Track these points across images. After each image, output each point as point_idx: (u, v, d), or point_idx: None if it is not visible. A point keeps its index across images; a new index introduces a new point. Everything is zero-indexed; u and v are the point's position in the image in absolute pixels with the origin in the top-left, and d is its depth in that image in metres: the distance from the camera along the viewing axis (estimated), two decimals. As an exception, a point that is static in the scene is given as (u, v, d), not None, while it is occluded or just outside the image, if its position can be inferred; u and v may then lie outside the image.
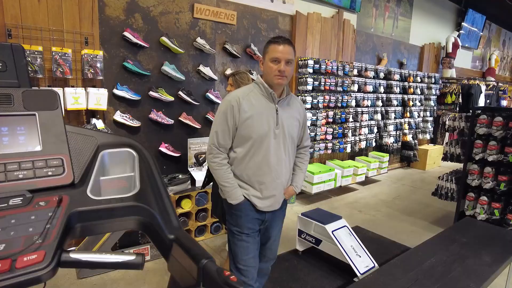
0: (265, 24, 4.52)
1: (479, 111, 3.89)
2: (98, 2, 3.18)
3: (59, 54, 2.87)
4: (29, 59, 2.72)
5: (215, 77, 4.03)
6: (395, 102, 6.47)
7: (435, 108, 7.57)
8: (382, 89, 6.14)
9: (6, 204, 0.87)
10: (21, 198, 0.90)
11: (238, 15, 4.20)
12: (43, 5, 2.90)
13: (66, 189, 1.00)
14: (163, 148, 3.69)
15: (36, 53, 2.75)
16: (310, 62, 4.79)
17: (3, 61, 1.12)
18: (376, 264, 3.15)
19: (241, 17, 4.25)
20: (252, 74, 4.38)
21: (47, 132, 1.07)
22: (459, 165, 4.60)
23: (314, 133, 5.06)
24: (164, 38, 3.57)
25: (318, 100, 4.99)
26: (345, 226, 3.40)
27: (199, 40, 3.85)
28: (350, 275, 3.04)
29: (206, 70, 3.94)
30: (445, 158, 4.63)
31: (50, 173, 1.00)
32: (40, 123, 1.07)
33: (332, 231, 3.23)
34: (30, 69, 2.73)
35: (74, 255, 0.85)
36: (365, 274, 2.95)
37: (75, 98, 2.96)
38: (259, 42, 4.47)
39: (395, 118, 6.56)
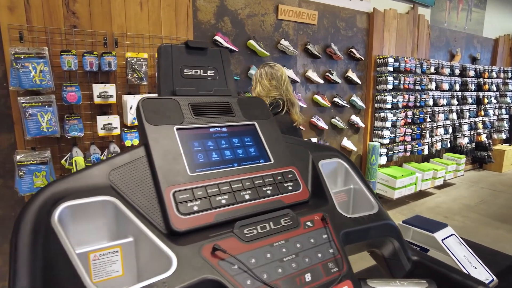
0: (344, 22, 4.35)
1: None
2: (192, 7, 3.16)
3: (162, 61, 2.86)
4: (136, 66, 2.73)
5: (297, 79, 3.91)
6: (470, 100, 6.05)
7: (511, 105, 7.02)
8: (457, 87, 5.76)
9: (280, 225, 0.77)
10: (288, 218, 0.80)
11: (319, 15, 4.06)
12: (145, 13, 2.91)
13: (305, 205, 0.90)
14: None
15: (142, 60, 2.76)
16: (390, 60, 4.55)
17: (215, 68, 1.04)
18: (494, 278, 2.87)
19: (321, 17, 4.11)
20: (332, 74, 4.23)
21: (271, 143, 0.97)
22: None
23: (394, 135, 4.81)
24: (252, 41, 3.50)
25: (397, 100, 4.74)
26: (453, 234, 3.14)
27: (283, 42, 3.75)
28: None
29: (289, 73, 3.83)
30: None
31: (290, 188, 0.89)
32: (261, 133, 0.98)
33: (442, 240, 2.99)
34: (136, 76, 2.74)
35: (373, 285, 0.74)
36: (489, 289, 2.68)
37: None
38: (338, 41, 4.30)
39: (469, 117, 6.14)
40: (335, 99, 4.33)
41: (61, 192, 0.67)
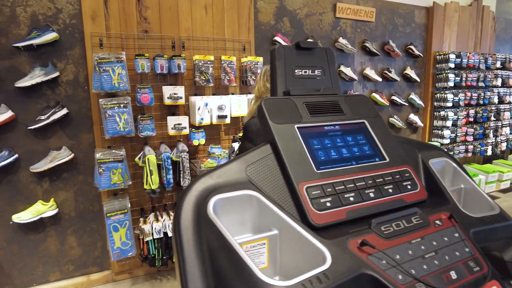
0: (402, 19, 4.21)
1: None
2: (253, 9, 3.21)
3: (227, 63, 2.94)
4: (203, 68, 2.83)
5: (355, 77, 3.84)
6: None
7: None
8: (525, 82, 5.35)
9: (413, 223, 0.77)
10: (418, 217, 0.79)
11: (377, 12, 3.96)
12: (209, 16, 3.00)
13: (424, 204, 0.89)
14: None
15: (208, 62, 2.85)
16: (452, 56, 4.33)
17: (321, 68, 1.06)
18: None
19: (379, 14, 4.01)
20: (390, 72, 4.10)
21: (383, 141, 0.97)
22: None
23: (454, 134, 4.57)
24: (310, 41, 3.49)
25: (459, 98, 4.50)
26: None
27: (341, 40, 3.70)
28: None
29: (347, 71, 3.78)
30: None
31: (409, 187, 0.89)
32: (372, 131, 0.98)
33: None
34: (203, 78, 2.84)
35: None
36: None
37: (238, 105, 3.01)
38: (396, 38, 4.17)
39: (538, 115, 5.68)
40: (393, 97, 4.21)
41: (210, 186, 0.71)
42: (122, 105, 2.56)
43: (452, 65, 4.35)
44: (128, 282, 3.00)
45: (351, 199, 0.78)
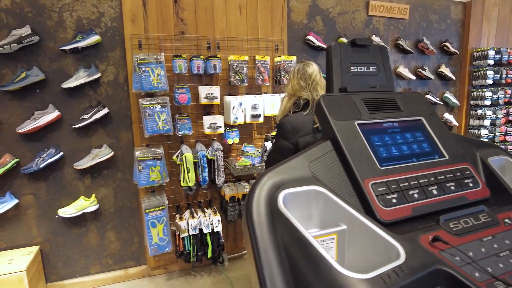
0: (437, 15, 4.10)
1: None
2: (286, 8, 3.23)
3: (261, 62, 2.97)
4: (238, 68, 2.87)
5: (388, 76, 3.77)
6: None
7: None
8: None
9: (481, 221, 0.76)
10: (486, 215, 0.78)
11: (410, 8, 3.88)
12: (243, 17, 3.04)
13: (488, 202, 0.88)
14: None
15: (243, 62, 2.89)
16: (491, 52, 4.17)
17: (376, 64, 1.06)
18: None
19: (413, 10, 3.92)
20: (424, 70, 4.01)
21: (441, 139, 0.96)
22: None
23: (492, 134, 4.40)
24: (343, 39, 3.47)
25: (498, 96, 4.33)
26: None
27: (374, 38, 3.65)
28: None
29: (380, 69, 3.72)
30: None
31: (470, 185, 0.88)
32: (430, 128, 0.98)
33: None
34: (238, 78, 2.88)
35: None
36: None
37: (271, 104, 3.03)
38: (431, 35, 4.06)
39: None
40: (427, 96, 4.10)
41: (277, 181, 0.74)
42: (161, 105, 2.63)
43: (491, 62, 4.19)
44: (163, 277, 3.08)
45: (416, 196, 0.79)
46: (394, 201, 0.76)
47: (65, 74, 2.62)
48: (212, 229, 2.86)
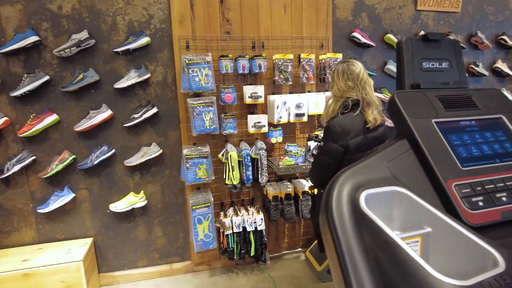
0: (493, 6, 3.84)
1: None
2: (331, 6, 3.17)
3: (306, 60, 2.94)
4: (282, 67, 2.86)
5: (437, 73, 3.60)
6: None
7: None
8: None
9: None
10: None
11: (463, 0, 3.67)
12: (288, 15, 3.02)
13: None
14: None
15: (288, 61, 2.87)
16: (553, 46, 3.86)
17: (448, 60, 1.01)
18: None
19: (465, 3, 3.71)
20: (477, 66, 3.78)
21: None
22: None
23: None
24: (389, 35, 3.35)
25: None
26: None
27: (422, 34, 3.49)
28: None
29: (429, 66, 3.55)
30: None
31: None
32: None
33: None
34: (283, 76, 2.87)
35: None
36: None
37: (316, 103, 2.99)
38: (485, 28, 3.82)
39: None
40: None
41: (355, 181, 0.72)
42: (208, 104, 2.68)
43: (552, 57, 3.88)
44: (206, 273, 3.14)
45: (504, 199, 0.74)
46: (481, 204, 0.71)
47: (117, 75, 2.74)
48: (255, 228, 2.88)
